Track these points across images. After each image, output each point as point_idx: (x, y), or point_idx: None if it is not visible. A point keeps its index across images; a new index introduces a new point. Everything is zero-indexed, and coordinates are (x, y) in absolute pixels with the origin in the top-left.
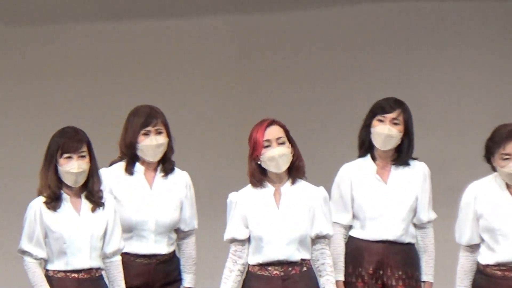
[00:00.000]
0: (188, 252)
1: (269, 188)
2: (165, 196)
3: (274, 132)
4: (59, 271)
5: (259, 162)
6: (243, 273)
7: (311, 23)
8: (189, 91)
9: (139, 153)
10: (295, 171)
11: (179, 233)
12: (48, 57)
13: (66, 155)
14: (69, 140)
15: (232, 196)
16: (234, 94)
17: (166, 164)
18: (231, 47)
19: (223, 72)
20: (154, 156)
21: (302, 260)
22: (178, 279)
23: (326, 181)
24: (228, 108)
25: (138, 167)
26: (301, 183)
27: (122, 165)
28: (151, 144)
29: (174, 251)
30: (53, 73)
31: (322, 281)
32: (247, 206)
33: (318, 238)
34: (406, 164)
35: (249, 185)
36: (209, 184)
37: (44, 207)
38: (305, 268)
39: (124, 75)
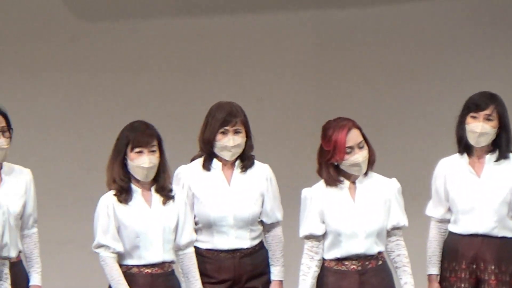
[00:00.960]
0: (274, 245)
1: (343, 183)
2: (244, 191)
3: (355, 137)
4: (132, 267)
5: (336, 163)
6: (319, 269)
7: (390, 18)
8: (268, 86)
9: (216, 151)
10: (368, 164)
11: (264, 226)
12: (125, 52)
13: (137, 149)
14: (140, 135)
15: (307, 192)
16: (312, 89)
17: (245, 162)
18: (309, 42)
19: (302, 67)
20: (230, 156)
21: (378, 253)
22: (266, 272)
23: (399, 176)
24: (307, 103)
25: (216, 163)
26: (374, 176)
27: (200, 161)
28: (228, 144)
29: (260, 244)
30: (129, 68)
31: (399, 272)
32: (323, 201)
33: (393, 230)
34: (505, 158)
35: (321, 181)
36: (286, 179)
37: (115, 201)
38: (380, 262)
39: (202, 70)
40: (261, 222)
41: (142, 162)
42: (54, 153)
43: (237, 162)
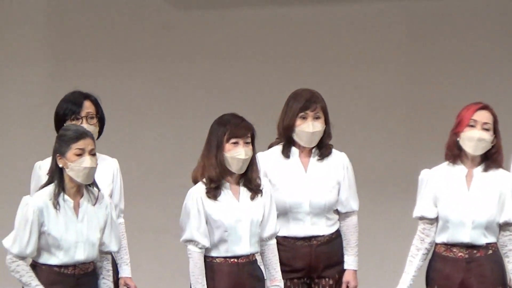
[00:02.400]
0: (349, 234)
1: (461, 169)
2: (320, 178)
3: (483, 116)
4: (218, 257)
5: (458, 139)
6: (430, 252)
7: (479, 7)
8: (357, 76)
9: (295, 137)
10: (490, 161)
11: (339, 215)
12: (215, 41)
13: (233, 140)
14: (237, 126)
15: (424, 174)
16: (402, 79)
17: (322, 150)
18: (399, 32)
19: (392, 57)
20: (309, 142)
21: (488, 244)
22: (342, 261)
23: None
24: (397, 94)
25: (294, 150)
26: (494, 170)
27: (277, 148)
28: (307, 130)
29: (337, 232)
30: (220, 56)
31: (510, 267)
32: (438, 185)
33: (506, 225)
34: None
35: (442, 164)
36: (378, 166)
37: (204, 195)
38: (490, 251)
39: (289, 59)
40: (337, 211)
41: (238, 153)
42: (147, 141)
43: (315, 150)
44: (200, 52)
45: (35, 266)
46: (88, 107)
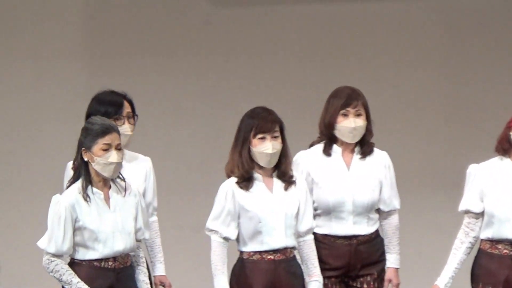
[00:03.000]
0: (391, 232)
1: (510, 164)
2: (363, 177)
3: None
4: (255, 253)
5: (510, 133)
6: (473, 247)
7: None
8: (396, 74)
9: (336, 133)
10: None
11: (381, 214)
12: (255, 38)
13: (260, 135)
14: (263, 121)
15: (472, 168)
16: (442, 76)
17: (364, 147)
18: (439, 30)
19: (431, 55)
20: (351, 138)
21: None
22: (381, 260)
23: None
24: (437, 91)
25: (336, 148)
26: None
27: (319, 146)
28: (349, 126)
29: (376, 232)
30: (260, 53)
31: None
32: (486, 180)
33: None
34: None
35: (491, 159)
36: (418, 163)
37: (236, 187)
38: None
39: (329, 57)
40: (378, 210)
41: (265, 148)
42: (186, 137)
43: (357, 148)
44: (239, 49)
45: (74, 264)
46: (127, 106)
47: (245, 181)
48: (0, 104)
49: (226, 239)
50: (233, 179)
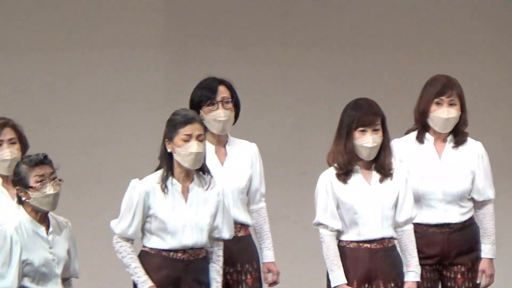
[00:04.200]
0: (486, 222)
1: None
2: (454, 166)
3: None
4: (352, 242)
5: None
6: None
7: None
8: (471, 62)
9: (429, 122)
10: None
11: (475, 203)
12: (336, 28)
13: (361, 128)
14: (364, 114)
15: None
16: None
17: (458, 137)
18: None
19: (499, 42)
20: (443, 128)
21: None
22: (476, 249)
23: None
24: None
25: (429, 136)
26: None
27: (413, 134)
28: (442, 116)
29: (470, 220)
30: (341, 43)
31: None
32: None
33: None
34: None
35: None
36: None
37: (334, 178)
38: None
39: (417, 46)
40: (472, 199)
41: (365, 141)
42: (267, 127)
43: (450, 137)
44: (317, 39)
45: (144, 251)
46: (223, 91)
47: (344, 173)
48: (80, 93)
49: (335, 231)
50: (332, 170)
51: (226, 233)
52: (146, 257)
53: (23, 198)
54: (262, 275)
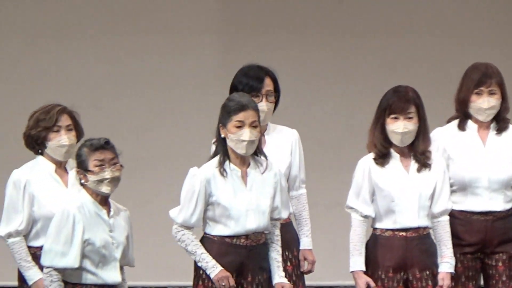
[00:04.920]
0: None
1: None
2: (499, 153)
3: None
4: (387, 230)
5: None
6: None
7: None
8: None
9: (470, 111)
10: None
11: None
12: (389, 16)
13: (393, 115)
14: (397, 101)
15: None
16: None
17: (500, 124)
18: None
19: None
20: (485, 117)
21: None
22: None
23: None
24: None
25: (471, 124)
26: None
27: (455, 122)
28: (482, 106)
29: None
30: (394, 31)
31: None
32: None
33: None
34: None
35: None
36: None
37: (373, 163)
38: None
39: (461, 33)
40: None
41: (396, 127)
42: (320, 114)
43: (493, 124)
44: (372, 27)
45: (206, 239)
46: (268, 84)
47: (381, 160)
48: (133, 79)
49: (366, 217)
50: (371, 155)
51: (285, 213)
52: (208, 244)
53: (82, 181)
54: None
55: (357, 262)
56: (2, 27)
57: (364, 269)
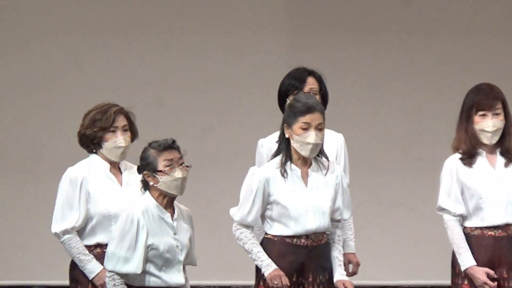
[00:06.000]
0: None
1: None
2: None
3: None
4: (475, 228)
5: None
6: None
7: None
8: None
9: None
10: None
11: None
12: (459, 13)
13: (480, 112)
14: (484, 98)
15: None
16: None
17: None
18: None
19: None
20: None
21: None
22: None
23: None
24: None
25: None
26: None
27: None
28: None
29: None
30: (464, 29)
31: None
32: None
33: None
34: None
35: None
36: None
37: (460, 163)
38: None
39: None
40: None
41: (485, 125)
42: (387, 113)
43: None
44: (445, 25)
45: (266, 239)
46: (311, 83)
47: (469, 158)
48: (198, 77)
49: (459, 216)
50: (457, 155)
51: (347, 214)
52: (269, 244)
53: (151, 183)
54: None
55: (467, 258)
56: (65, 24)
57: (475, 263)
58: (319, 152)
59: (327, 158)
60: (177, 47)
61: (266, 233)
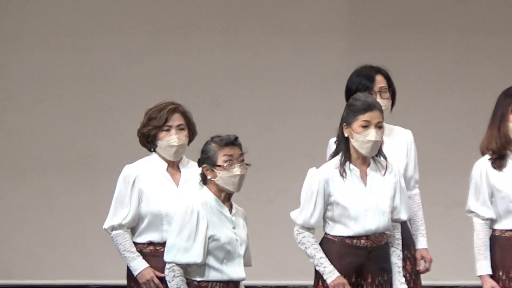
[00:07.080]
0: None
1: None
2: None
3: None
4: (506, 231)
5: None
6: None
7: None
8: None
9: None
10: None
11: None
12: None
13: None
14: None
15: None
16: None
17: None
18: None
19: None
20: None
21: None
22: None
23: None
24: None
25: None
26: None
27: None
28: None
29: None
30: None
31: None
32: None
33: None
34: None
35: None
36: None
37: (489, 166)
38: None
39: None
40: None
41: None
42: (442, 113)
43: None
44: (502, 25)
45: (326, 239)
46: (380, 81)
47: (499, 159)
48: (255, 76)
49: (488, 220)
50: (487, 157)
51: (404, 214)
52: (329, 245)
53: (209, 177)
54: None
55: (483, 266)
56: (123, 24)
57: (490, 272)
58: (378, 152)
59: (385, 157)
60: (237, 47)
61: (326, 233)
